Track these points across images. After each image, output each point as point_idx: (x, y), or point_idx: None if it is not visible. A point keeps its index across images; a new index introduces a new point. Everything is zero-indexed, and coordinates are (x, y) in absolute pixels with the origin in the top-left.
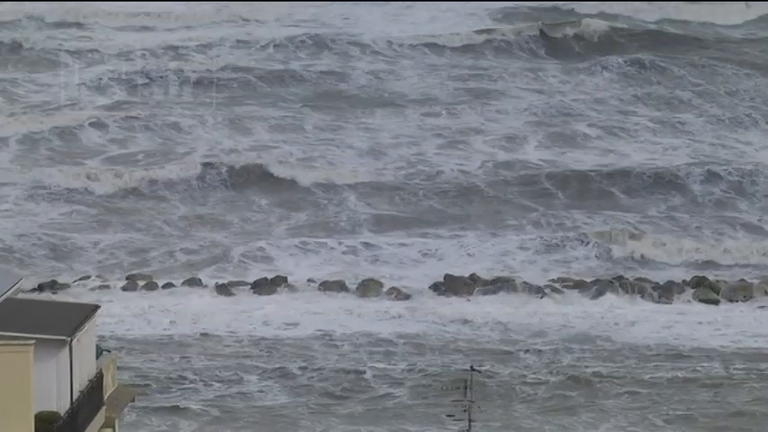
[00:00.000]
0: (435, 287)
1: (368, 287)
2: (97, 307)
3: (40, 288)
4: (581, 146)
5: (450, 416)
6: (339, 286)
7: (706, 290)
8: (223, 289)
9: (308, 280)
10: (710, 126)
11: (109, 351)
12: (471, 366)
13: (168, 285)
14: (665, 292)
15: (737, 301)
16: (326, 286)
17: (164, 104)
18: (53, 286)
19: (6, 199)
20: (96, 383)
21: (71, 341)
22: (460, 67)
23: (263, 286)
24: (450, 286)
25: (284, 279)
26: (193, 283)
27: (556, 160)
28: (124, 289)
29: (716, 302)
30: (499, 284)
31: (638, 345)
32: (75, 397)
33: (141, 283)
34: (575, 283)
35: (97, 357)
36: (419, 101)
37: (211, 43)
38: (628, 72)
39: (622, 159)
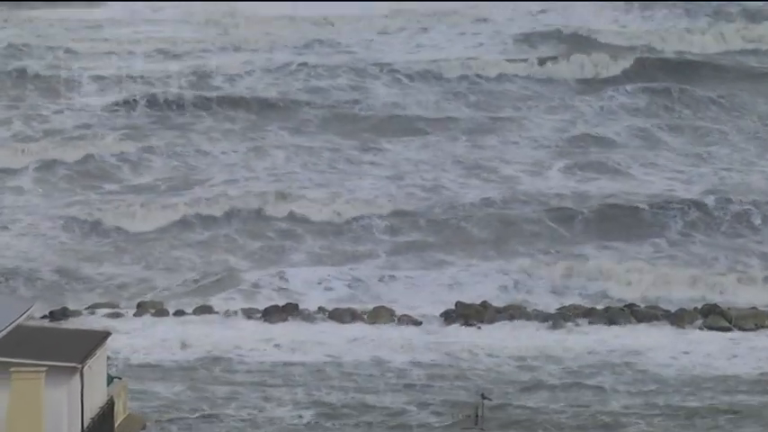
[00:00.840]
0: (446, 314)
1: (379, 314)
2: (108, 334)
3: (52, 315)
4: (604, 174)
5: None
6: (350, 314)
7: (717, 317)
8: (234, 315)
9: (320, 308)
10: (736, 155)
11: (120, 378)
12: (482, 394)
13: (180, 313)
14: (677, 319)
15: (748, 330)
16: (337, 314)
17: (183, 130)
18: (64, 313)
19: (21, 223)
20: (107, 410)
21: (82, 368)
22: (481, 92)
23: (274, 314)
24: (461, 313)
25: (295, 306)
26: (204, 310)
27: (577, 187)
28: (136, 315)
29: (727, 330)
30: (511, 312)
31: (656, 373)
32: (85, 424)
33: (152, 310)
34: (586, 310)
35: (108, 384)
36: (439, 127)
37: (231, 69)
38: (651, 100)
39: (644, 187)
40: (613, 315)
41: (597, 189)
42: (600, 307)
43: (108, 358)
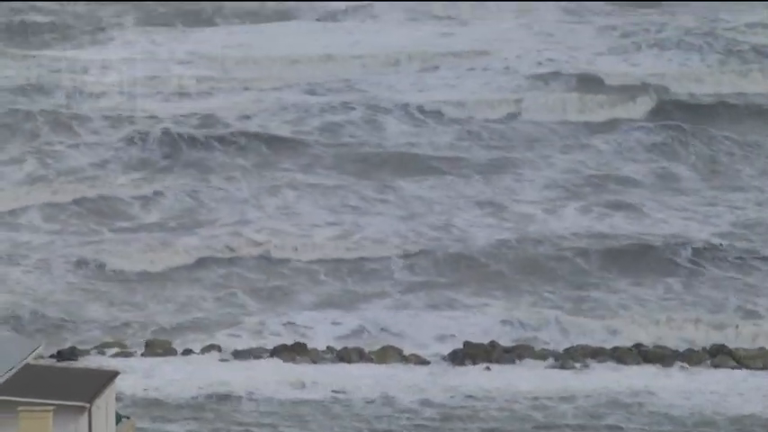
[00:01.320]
0: (454, 354)
1: (387, 354)
2: (116, 373)
3: (60, 354)
4: (618, 214)
5: None
6: (358, 354)
7: (725, 357)
8: (242, 354)
9: (328, 347)
10: (750, 194)
11: (128, 417)
12: None
13: (187, 351)
14: (686, 359)
15: (757, 369)
16: (345, 353)
17: (195, 168)
18: (73, 352)
19: (28, 261)
20: None
21: (90, 407)
22: (494, 132)
23: (282, 352)
24: (469, 353)
25: (304, 346)
26: (212, 348)
27: (592, 227)
28: (144, 355)
29: (736, 369)
30: (519, 351)
31: (668, 413)
32: None
33: (160, 349)
34: (594, 350)
35: (117, 423)
36: (451, 166)
37: (241, 108)
38: (665, 140)
39: (658, 227)
40: (622, 355)
41: (610, 228)
42: (608, 347)
43: (116, 397)
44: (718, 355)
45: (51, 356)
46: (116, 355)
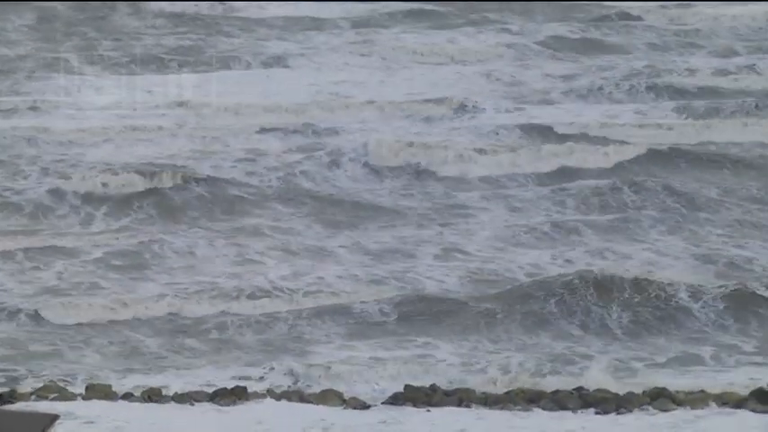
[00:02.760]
0: (394, 397)
1: (326, 397)
2: (56, 417)
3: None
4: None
5: None
6: (298, 396)
7: (666, 400)
8: (183, 398)
9: (268, 390)
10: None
11: None
12: None
13: (128, 395)
14: (626, 402)
15: (697, 408)
16: (286, 395)
17: (165, 225)
18: (12, 395)
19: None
20: None
21: None
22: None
23: (223, 396)
24: (409, 396)
25: (244, 389)
26: (154, 393)
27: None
28: (84, 398)
29: (675, 411)
30: (459, 395)
31: None
32: None
33: (102, 392)
34: (535, 393)
35: None
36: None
37: (218, 159)
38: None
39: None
40: (562, 399)
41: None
42: (548, 390)
43: None
44: (659, 399)
45: None
46: (56, 399)
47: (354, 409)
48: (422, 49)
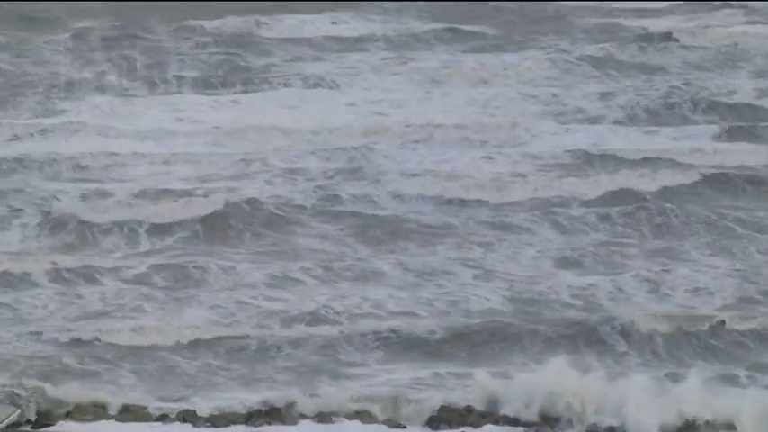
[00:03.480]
0: (430, 420)
1: (362, 417)
2: None
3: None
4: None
5: None
6: (330, 417)
7: None
8: (216, 420)
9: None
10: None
11: None
12: None
13: (163, 417)
14: None
15: None
16: (324, 417)
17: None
18: (48, 416)
19: None
20: None
21: None
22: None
23: (258, 417)
24: (444, 418)
25: (278, 410)
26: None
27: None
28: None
29: None
30: (497, 417)
31: None
32: None
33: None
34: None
35: None
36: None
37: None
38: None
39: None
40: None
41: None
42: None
43: None
44: None
45: (28, 421)
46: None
47: (390, 428)
48: (463, 69)
